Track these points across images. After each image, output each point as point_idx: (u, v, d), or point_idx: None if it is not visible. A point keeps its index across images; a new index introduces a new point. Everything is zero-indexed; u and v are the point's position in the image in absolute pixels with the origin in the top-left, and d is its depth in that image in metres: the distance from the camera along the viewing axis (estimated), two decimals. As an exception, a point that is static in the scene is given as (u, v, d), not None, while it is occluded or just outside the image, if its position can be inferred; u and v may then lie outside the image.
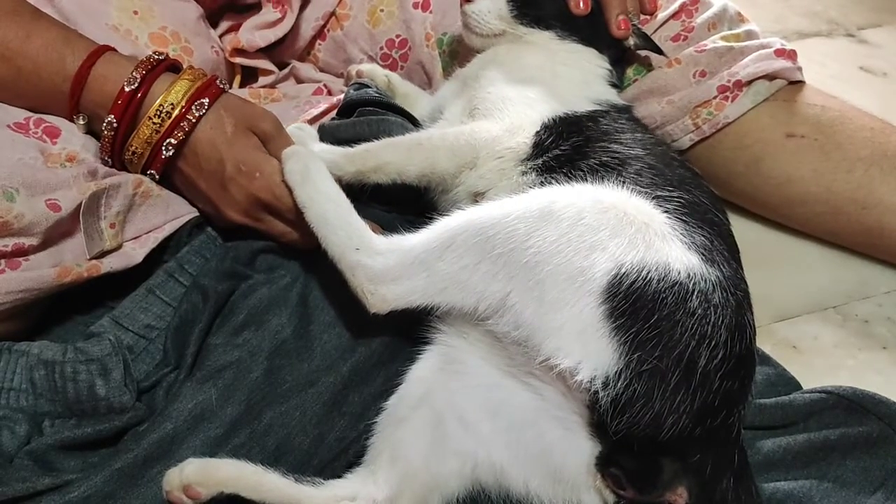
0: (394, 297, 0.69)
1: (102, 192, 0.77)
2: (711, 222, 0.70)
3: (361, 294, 0.70)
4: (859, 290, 1.06)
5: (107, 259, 0.79)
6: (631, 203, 0.67)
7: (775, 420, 0.80)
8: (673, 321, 0.61)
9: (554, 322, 0.63)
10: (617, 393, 0.60)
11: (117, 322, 0.78)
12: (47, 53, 0.79)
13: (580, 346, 0.62)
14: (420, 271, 0.68)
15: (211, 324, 0.78)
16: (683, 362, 0.61)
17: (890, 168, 1.04)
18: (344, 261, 0.71)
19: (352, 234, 0.72)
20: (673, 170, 0.77)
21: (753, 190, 1.10)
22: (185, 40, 0.94)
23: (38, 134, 0.78)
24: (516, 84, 0.87)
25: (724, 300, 0.63)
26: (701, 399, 0.61)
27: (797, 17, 1.70)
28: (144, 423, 0.72)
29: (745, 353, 0.64)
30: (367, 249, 0.70)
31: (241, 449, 0.70)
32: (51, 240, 0.74)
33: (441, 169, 0.83)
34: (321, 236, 0.72)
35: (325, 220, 0.73)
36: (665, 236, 0.65)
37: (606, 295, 0.62)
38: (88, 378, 0.72)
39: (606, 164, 0.75)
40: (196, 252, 0.84)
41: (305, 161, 0.76)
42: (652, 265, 0.62)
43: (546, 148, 0.79)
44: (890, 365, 0.97)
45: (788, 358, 0.91)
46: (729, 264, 0.67)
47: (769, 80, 1.05)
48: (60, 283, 0.74)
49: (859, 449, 0.77)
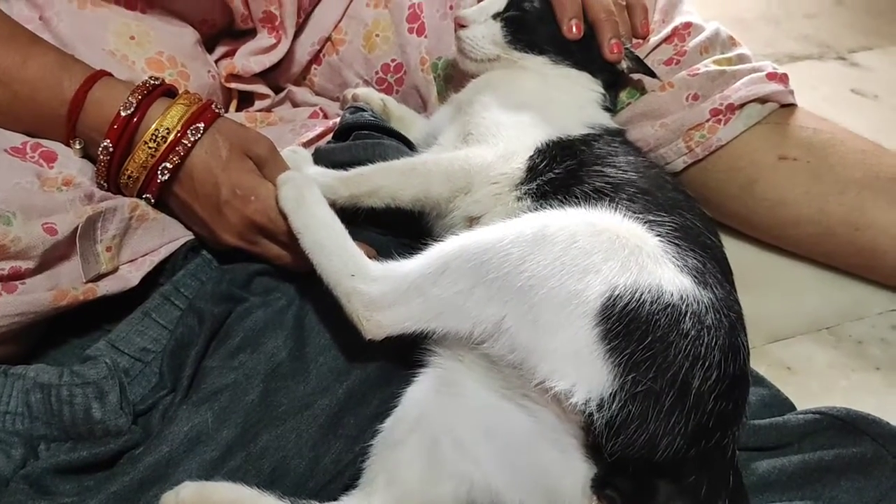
0: (389, 323, 0.69)
1: (98, 215, 0.78)
2: (704, 245, 0.71)
3: (357, 320, 0.70)
4: (852, 311, 1.07)
5: (103, 282, 0.79)
6: (623, 226, 0.68)
7: (770, 441, 0.80)
8: (666, 343, 0.61)
9: (549, 345, 0.63)
10: (612, 415, 0.60)
11: (113, 345, 0.78)
12: (44, 78, 0.79)
13: (575, 369, 0.62)
14: (415, 297, 0.68)
15: (207, 346, 0.78)
16: (678, 384, 0.61)
17: (882, 190, 1.05)
18: (339, 287, 0.71)
19: (347, 260, 0.72)
20: (666, 193, 0.77)
21: (747, 212, 1.11)
22: (182, 65, 0.94)
23: (35, 158, 0.79)
24: (510, 109, 0.88)
25: (717, 322, 0.64)
26: (695, 420, 0.61)
27: (789, 40, 1.72)
28: (140, 447, 0.71)
29: (739, 373, 0.64)
30: (363, 276, 0.71)
31: (237, 472, 0.70)
32: (47, 263, 0.75)
33: (435, 194, 0.84)
34: (316, 262, 0.73)
35: (320, 247, 0.73)
36: (658, 259, 0.66)
37: (600, 317, 0.62)
38: (84, 401, 0.72)
39: (600, 189, 0.76)
40: (192, 275, 0.84)
41: (300, 187, 0.76)
42: (645, 287, 0.63)
43: (540, 172, 0.80)
44: (883, 386, 0.97)
45: (783, 379, 0.91)
46: (722, 286, 0.68)
47: (761, 103, 1.06)
48: (57, 306, 0.74)
49: (854, 470, 0.77)
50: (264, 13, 1.00)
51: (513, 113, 0.87)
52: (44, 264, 0.74)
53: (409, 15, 1.06)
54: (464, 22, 0.94)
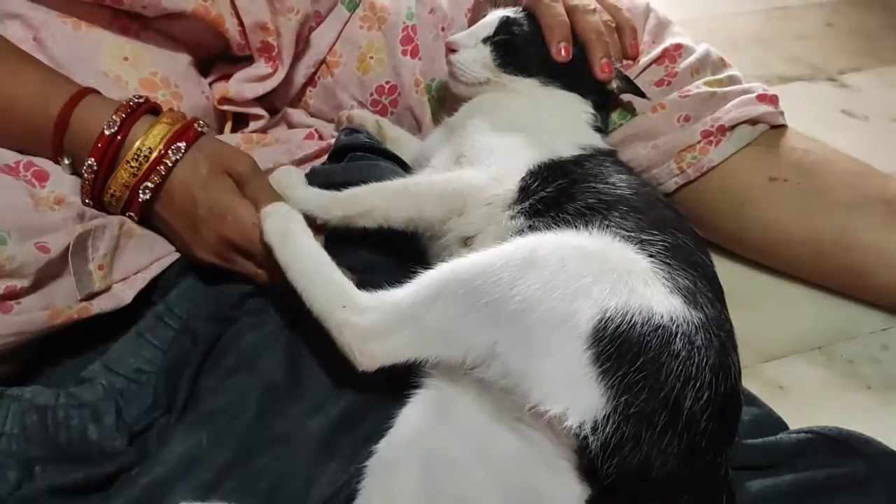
0: (382, 353, 0.69)
1: (88, 233, 0.78)
2: (695, 264, 0.72)
3: (350, 353, 0.70)
4: (844, 330, 1.08)
5: (97, 301, 0.79)
6: (613, 249, 0.69)
7: (762, 460, 0.80)
8: (658, 364, 0.62)
9: (541, 369, 0.63)
10: (606, 437, 0.61)
11: (108, 367, 0.79)
12: (32, 95, 0.80)
13: (568, 392, 0.62)
14: (407, 326, 0.69)
15: (200, 367, 0.78)
16: (670, 404, 0.61)
17: (871, 210, 1.06)
18: (330, 320, 0.71)
19: (336, 291, 0.72)
20: (657, 212, 0.78)
21: (739, 232, 1.12)
22: (175, 85, 0.95)
23: (28, 177, 0.79)
24: (501, 132, 0.89)
25: (707, 341, 0.64)
26: (688, 440, 0.62)
27: (779, 61, 1.73)
28: (136, 468, 0.71)
29: (731, 392, 0.65)
30: (353, 307, 0.71)
31: (233, 493, 0.70)
32: (41, 282, 0.75)
33: (428, 215, 0.84)
34: (305, 295, 0.73)
35: (308, 279, 0.73)
36: (647, 281, 0.66)
37: (592, 340, 0.62)
38: (81, 423, 0.73)
39: (592, 207, 0.76)
40: (184, 295, 0.84)
41: (285, 219, 0.77)
42: (635, 309, 0.63)
43: (532, 192, 0.81)
44: (875, 405, 0.98)
45: (775, 398, 0.91)
46: (713, 306, 0.68)
47: (752, 124, 1.07)
48: (52, 325, 0.75)
49: (846, 489, 0.77)
50: (262, 43, 1.01)
51: (504, 135, 0.88)
52: (38, 283, 0.75)
53: (402, 37, 1.07)
54: (454, 46, 0.95)
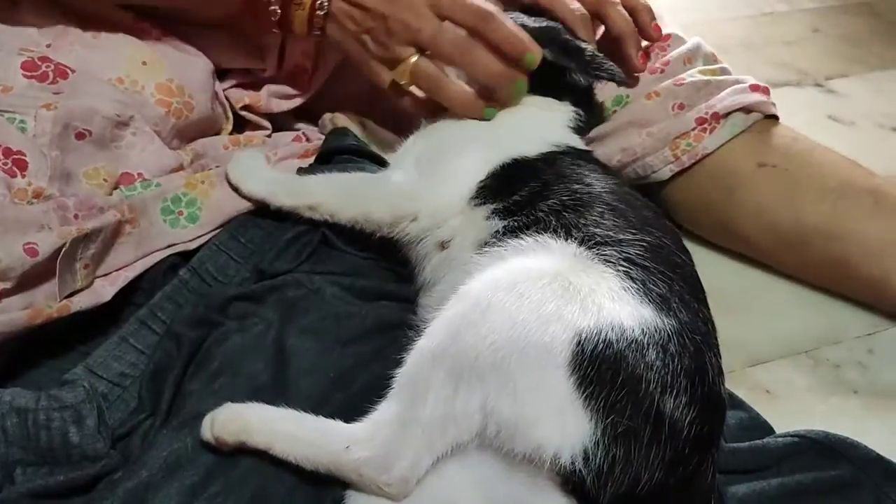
0: (409, 473, 0.66)
1: (83, 237, 0.77)
2: (674, 264, 0.71)
3: (378, 491, 0.66)
4: (830, 335, 1.08)
5: (76, 298, 0.78)
6: (573, 266, 0.68)
7: (749, 464, 0.80)
8: (636, 378, 0.62)
9: (529, 410, 0.62)
10: (599, 464, 0.61)
11: (91, 370, 0.78)
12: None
13: (559, 429, 0.61)
14: (413, 433, 0.65)
15: (185, 370, 0.77)
16: (652, 416, 0.61)
17: (857, 200, 1.06)
18: (344, 468, 0.67)
19: (332, 438, 0.68)
20: (636, 211, 0.77)
21: (727, 219, 1.13)
22: (189, 96, 0.94)
23: (8, 166, 0.78)
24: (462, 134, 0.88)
25: (680, 348, 0.64)
26: (672, 448, 0.61)
27: (767, 66, 1.74)
28: (119, 471, 0.71)
29: (709, 394, 0.65)
30: (356, 442, 0.66)
31: (217, 497, 0.69)
32: (25, 283, 0.74)
33: (376, 218, 0.84)
34: (303, 460, 0.68)
35: (297, 441, 0.68)
36: (614, 295, 0.65)
37: (573, 366, 0.62)
38: (62, 425, 0.72)
39: (569, 207, 0.76)
40: (168, 298, 0.84)
41: (236, 411, 0.70)
42: (607, 327, 0.62)
43: (501, 193, 0.80)
44: (861, 409, 0.98)
45: (762, 402, 0.91)
46: (688, 308, 0.67)
47: (745, 112, 1.08)
48: (31, 324, 0.74)
49: (832, 492, 0.77)
50: (296, 66, 1.02)
51: (465, 138, 0.88)
52: (22, 284, 0.74)
53: None
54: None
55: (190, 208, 0.88)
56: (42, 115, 0.82)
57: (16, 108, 0.82)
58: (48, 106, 0.82)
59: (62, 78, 0.86)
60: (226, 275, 0.87)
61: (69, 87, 0.86)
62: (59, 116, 0.82)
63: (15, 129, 0.80)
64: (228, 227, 0.89)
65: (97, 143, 0.86)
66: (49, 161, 0.80)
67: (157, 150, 0.91)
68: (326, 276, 0.87)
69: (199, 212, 0.88)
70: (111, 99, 0.87)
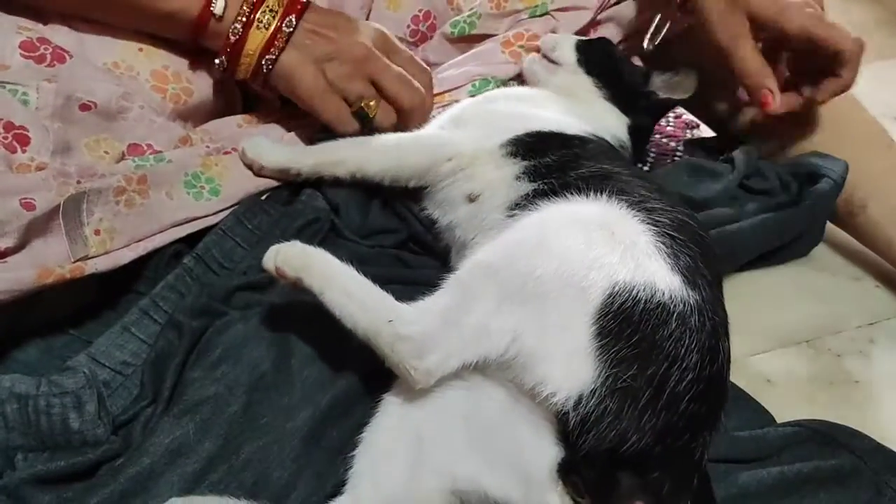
0: (436, 366, 0.66)
1: (82, 195, 0.77)
2: (699, 244, 0.71)
3: (404, 370, 0.66)
4: (832, 324, 1.08)
5: (91, 261, 0.78)
6: (618, 219, 0.69)
7: (749, 453, 0.80)
8: (651, 342, 0.62)
9: (550, 347, 0.64)
10: (588, 412, 0.61)
11: (93, 358, 0.78)
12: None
13: (565, 371, 0.63)
14: (452, 332, 0.66)
15: (186, 358, 0.77)
16: (655, 382, 0.62)
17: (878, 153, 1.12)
18: (381, 337, 0.67)
19: (380, 307, 0.68)
20: (664, 191, 0.79)
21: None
22: (187, 80, 0.94)
23: (9, 140, 0.77)
24: (512, 108, 0.93)
25: (699, 324, 0.64)
26: (666, 419, 0.62)
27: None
28: (121, 458, 0.71)
29: (716, 377, 0.65)
30: (401, 320, 0.67)
31: (219, 484, 0.69)
32: (27, 240, 0.74)
33: (412, 163, 0.88)
34: (347, 316, 0.68)
35: (348, 297, 0.69)
36: (651, 254, 0.67)
37: (599, 314, 0.63)
38: (62, 411, 0.72)
39: (598, 175, 0.78)
40: (171, 288, 0.84)
41: (298, 247, 0.73)
42: (641, 285, 0.63)
43: (532, 151, 0.83)
44: (862, 399, 0.98)
45: (763, 391, 0.91)
46: (710, 287, 0.68)
47: None
48: (41, 284, 0.74)
49: (832, 482, 0.77)
50: None
51: (514, 109, 0.92)
52: (24, 241, 0.74)
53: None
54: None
55: (210, 184, 0.89)
56: (44, 88, 0.81)
57: (17, 80, 0.81)
58: (50, 79, 0.82)
59: (59, 62, 0.85)
60: (232, 261, 0.86)
61: (66, 72, 0.85)
62: (62, 89, 0.82)
63: (17, 103, 0.80)
64: (236, 210, 0.90)
65: (103, 114, 0.85)
66: (52, 135, 0.80)
67: (164, 124, 0.91)
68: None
69: (219, 187, 0.89)
70: (107, 82, 0.87)
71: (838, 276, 1.16)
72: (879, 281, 1.15)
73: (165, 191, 0.86)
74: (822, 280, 1.14)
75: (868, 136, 1.13)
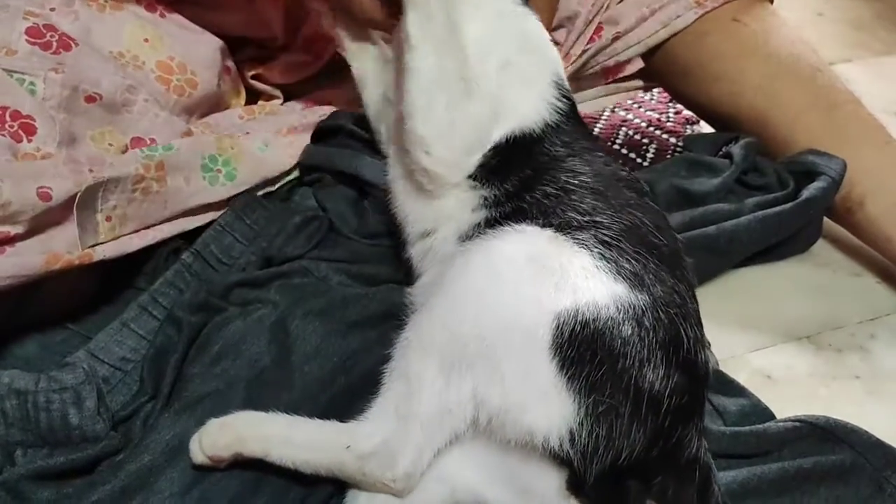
0: (412, 467, 0.65)
1: (100, 185, 0.77)
2: (651, 245, 0.70)
3: (383, 487, 0.65)
4: (832, 320, 1.08)
5: (100, 247, 0.78)
6: (546, 248, 0.67)
7: (750, 449, 0.80)
8: (614, 356, 0.62)
9: (519, 398, 0.62)
10: (584, 444, 0.61)
11: (92, 354, 0.78)
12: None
13: (546, 412, 0.62)
14: (412, 426, 0.65)
15: (186, 354, 0.77)
16: (631, 392, 0.62)
17: (797, 78, 1.13)
18: (346, 466, 0.66)
19: (331, 438, 0.67)
20: (617, 192, 0.75)
21: (693, 64, 1.18)
22: (192, 73, 0.94)
23: (14, 129, 0.77)
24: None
25: (655, 320, 0.64)
26: (653, 423, 0.62)
27: (770, 51, 1.73)
28: (121, 454, 0.71)
29: (686, 364, 0.65)
30: (356, 440, 0.66)
31: (220, 481, 0.69)
32: (39, 228, 0.74)
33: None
34: (303, 464, 0.67)
35: (295, 445, 0.67)
36: (587, 274, 0.65)
37: (554, 348, 0.62)
38: (61, 407, 0.72)
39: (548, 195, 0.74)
40: (170, 284, 0.84)
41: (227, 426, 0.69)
42: (583, 307, 0.62)
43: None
44: (863, 394, 0.98)
45: (763, 387, 0.91)
46: (662, 283, 0.67)
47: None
48: (49, 269, 0.73)
49: (832, 478, 0.77)
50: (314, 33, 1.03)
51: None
52: (35, 229, 0.73)
53: None
54: None
55: (227, 167, 0.90)
56: (51, 78, 0.81)
57: (24, 69, 0.81)
58: (56, 69, 0.82)
59: (65, 50, 0.85)
60: (230, 256, 0.87)
61: (72, 60, 0.85)
62: (68, 79, 0.82)
63: (25, 92, 0.79)
64: (234, 206, 0.89)
65: (108, 106, 0.85)
66: (58, 125, 0.80)
67: (167, 118, 0.91)
68: (333, 264, 0.87)
69: (235, 171, 0.90)
70: (113, 73, 0.87)
71: (839, 272, 1.15)
72: (880, 277, 1.14)
73: (184, 175, 0.86)
74: (823, 276, 1.14)
75: (867, 132, 1.13)
